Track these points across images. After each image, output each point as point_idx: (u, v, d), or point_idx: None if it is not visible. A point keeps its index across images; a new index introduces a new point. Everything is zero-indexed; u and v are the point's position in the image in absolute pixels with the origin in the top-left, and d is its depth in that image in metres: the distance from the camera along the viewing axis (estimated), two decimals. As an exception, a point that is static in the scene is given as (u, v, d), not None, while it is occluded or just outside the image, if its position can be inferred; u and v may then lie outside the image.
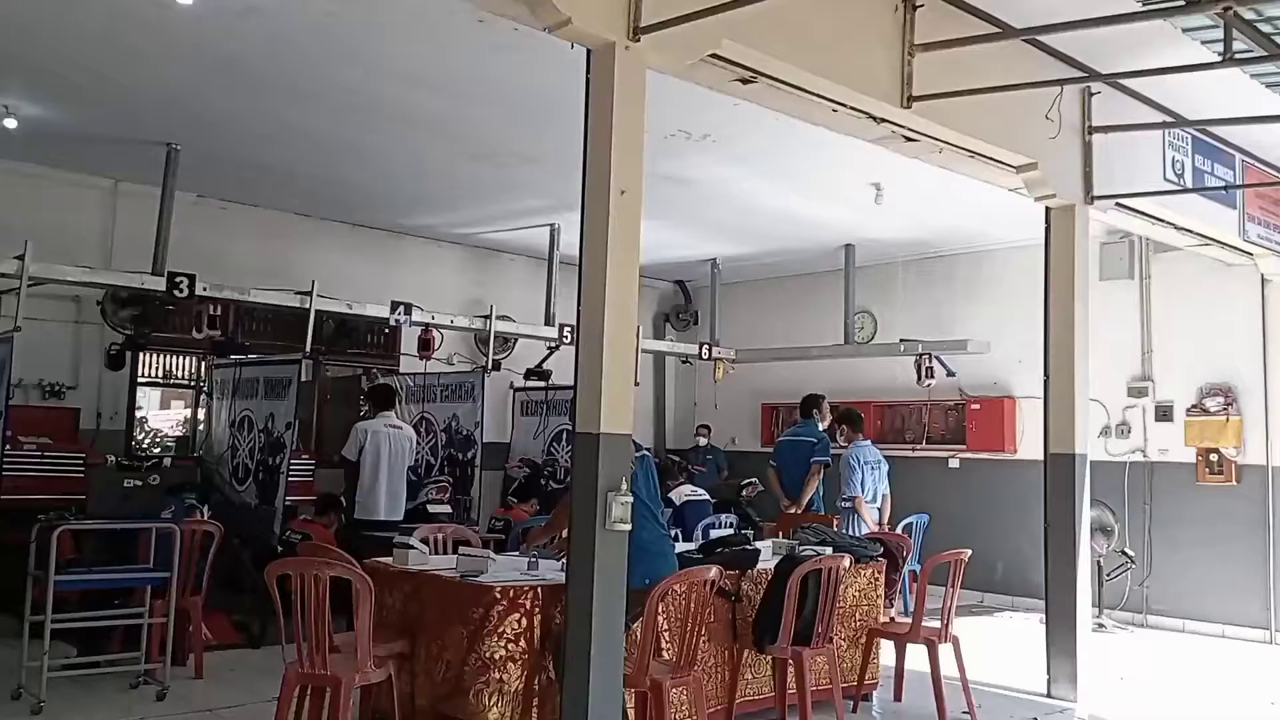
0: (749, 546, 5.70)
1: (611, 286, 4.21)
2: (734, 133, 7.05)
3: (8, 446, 6.36)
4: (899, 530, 8.18)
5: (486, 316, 9.41)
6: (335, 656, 4.21)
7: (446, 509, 8.12)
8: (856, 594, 5.95)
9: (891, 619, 6.41)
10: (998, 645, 7.92)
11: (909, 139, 5.81)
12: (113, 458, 7.46)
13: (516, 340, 10.35)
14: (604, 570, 4.06)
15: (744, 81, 5.04)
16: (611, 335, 4.21)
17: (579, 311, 4.33)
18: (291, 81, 6.41)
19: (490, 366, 9.48)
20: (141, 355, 8.97)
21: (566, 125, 6.52)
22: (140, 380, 9.21)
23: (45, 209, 8.16)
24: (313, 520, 7.68)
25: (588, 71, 4.40)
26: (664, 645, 4.82)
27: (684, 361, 11.92)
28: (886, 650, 6.01)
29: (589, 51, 4.39)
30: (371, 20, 5.47)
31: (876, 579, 6.12)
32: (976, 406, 10.14)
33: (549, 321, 9.90)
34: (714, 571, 4.65)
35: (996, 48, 5.56)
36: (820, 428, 8.23)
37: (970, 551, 5.80)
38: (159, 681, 5.58)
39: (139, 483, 5.52)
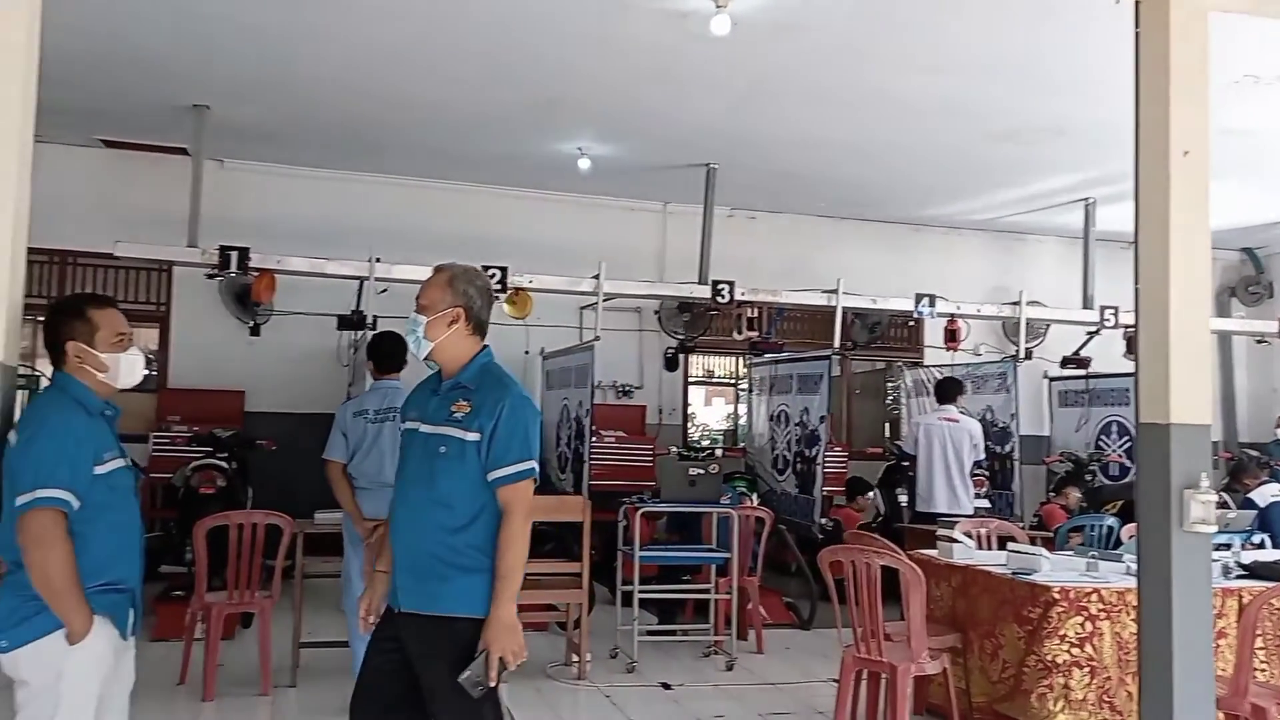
0: (1371, 559, 4.75)
1: (1176, 260, 3.75)
2: (1320, 66, 5.95)
3: (593, 438, 7.49)
4: None
5: (1015, 303, 8.98)
6: (889, 644, 4.30)
7: (985, 503, 7.89)
8: None
9: None
10: None
11: None
12: (674, 448, 8.42)
13: (1049, 327, 9.75)
14: (1183, 576, 3.65)
15: (1341, 2, 4.21)
16: (1178, 314, 3.75)
17: (1137, 291, 3.91)
18: (815, 90, 6.70)
19: (1022, 355, 9.01)
20: (691, 357, 10.00)
21: (1099, 91, 6.03)
22: (690, 380, 10.30)
23: (610, 233, 9.46)
24: (843, 507, 7.96)
25: (1136, 25, 3.98)
26: (1258, 666, 4.21)
27: (1258, 341, 10.26)
28: None
29: (1136, 3, 3.98)
30: (886, 12, 5.51)
31: None
32: None
33: (1087, 305, 9.18)
34: (1326, 586, 3.95)
35: None
36: None
37: None
38: (726, 653, 6.13)
39: (701, 471, 6.14)
